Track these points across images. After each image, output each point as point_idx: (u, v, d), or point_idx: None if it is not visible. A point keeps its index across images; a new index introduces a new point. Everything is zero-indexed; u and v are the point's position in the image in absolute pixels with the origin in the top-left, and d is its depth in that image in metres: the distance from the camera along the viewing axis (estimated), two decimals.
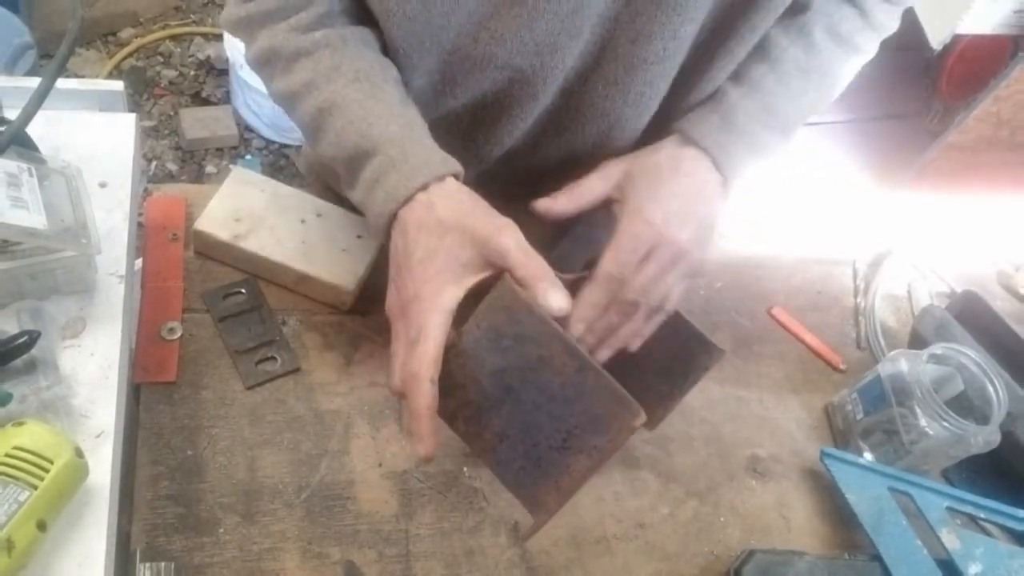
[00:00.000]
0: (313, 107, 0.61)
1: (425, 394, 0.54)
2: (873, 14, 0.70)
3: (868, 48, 0.72)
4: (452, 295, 0.55)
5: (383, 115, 0.60)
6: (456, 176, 0.59)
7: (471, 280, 0.56)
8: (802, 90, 0.68)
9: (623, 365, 0.59)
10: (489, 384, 0.56)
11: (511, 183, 0.75)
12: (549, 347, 0.54)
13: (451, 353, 0.56)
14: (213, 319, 0.77)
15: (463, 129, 0.69)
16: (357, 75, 0.61)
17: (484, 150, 0.70)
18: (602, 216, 0.80)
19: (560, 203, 0.60)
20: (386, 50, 0.66)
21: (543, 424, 0.55)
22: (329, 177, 0.91)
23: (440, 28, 0.61)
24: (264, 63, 0.64)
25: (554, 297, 0.54)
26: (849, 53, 0.70)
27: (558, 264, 0.61)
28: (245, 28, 0.64)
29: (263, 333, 0.77)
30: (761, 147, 0.67)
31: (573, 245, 0.82)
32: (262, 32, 0.63)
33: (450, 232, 0.55)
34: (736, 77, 0.67)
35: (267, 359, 0.76)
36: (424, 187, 0.57)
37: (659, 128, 0.70)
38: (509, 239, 0.55)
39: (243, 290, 0.79)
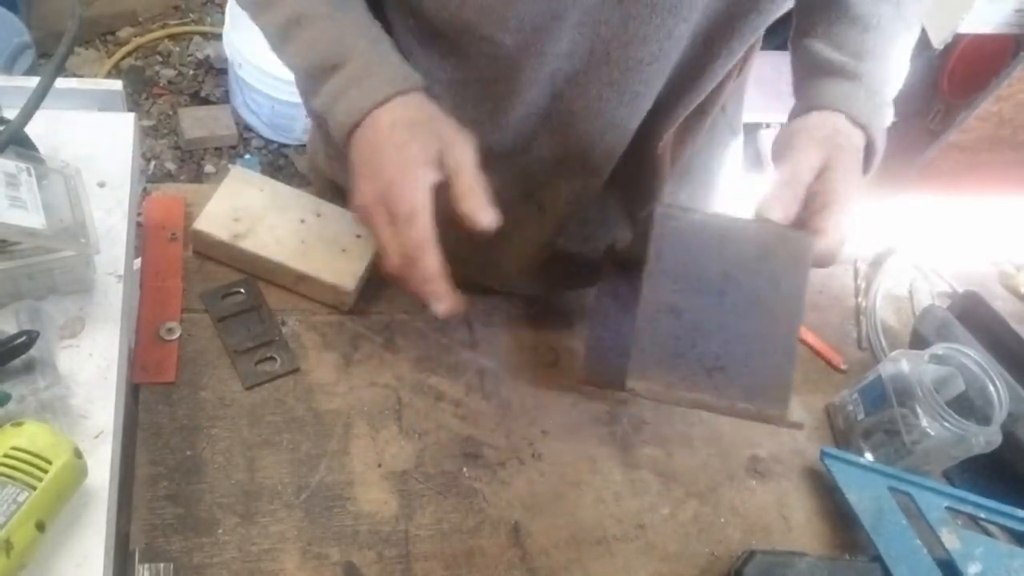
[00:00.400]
0: (282, 16, 0.62)
1: (434, 257, 0.59)
2: None
3: (920, 17, 0.74)
4: (430, 175, 0.59)
5: (352, 28, 0.62)
6: (420, 91, 0.62)
7: (436, 174, 0.60)
8: (903, 51, 0.70)
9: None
10: (716, 270, 0.56)
11: (504, 187, 0.74)
12: (788, 305, 0.55)
13: (717, 222, 0.56)
14: (212, 319, 0.77)
15: (447, 108, 0.69)
16: None
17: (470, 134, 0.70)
18: (595, 212, 0.80)
19: (790, 209, 0.59)
20: None
21: (714, 342, 0.55)
22: (335, 174, 0.90)
23: None
24: None
25: (485, 216, 0.59)
26: (915, 18, 0.72)
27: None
28: None
29: (262, 333, 0.77)
30: (887, 120, 0.69)
31: (568, 242, 0.82)
32: None
33: (421, 126, 0.60)
34: (847, 50, 0.67)
35: (266, 359, 0.76)
36: (388, 100, 0.60)
37: (654, 126, 0.70)
38: (467, 154, 0.60)
39: (242, 290, 0.79)
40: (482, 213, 0.59)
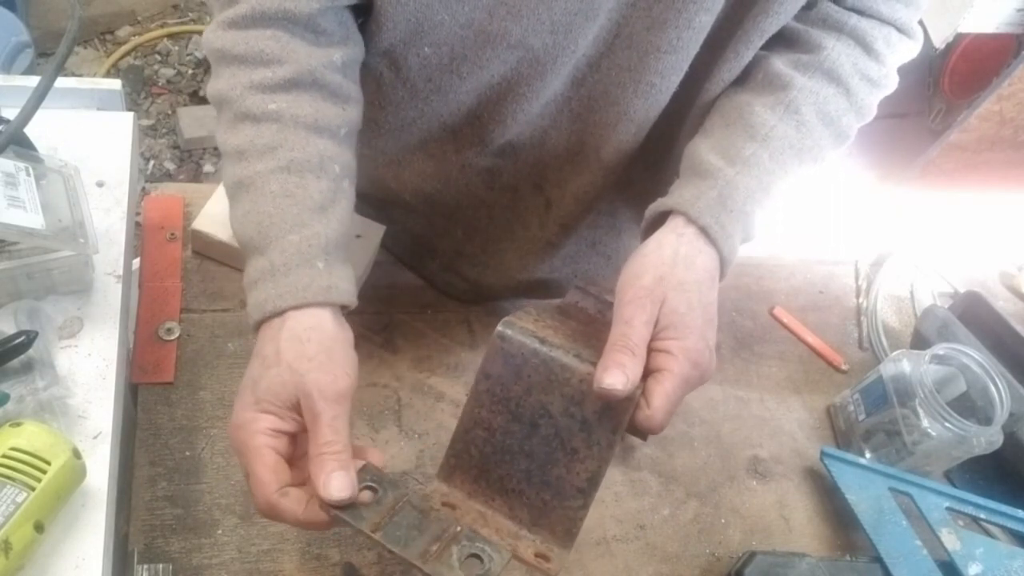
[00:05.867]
0: (236, 176, 0.59)
1: (290, 510, 0.52)
2: (857, 95, 0.66)
3: (851, 133, 0.68)
4: (267, 422, 0.53)
5: (289, 218, 0.57)
6: (343, 306, 0.57)
7: (278, 423, 0.53)
8: (795, 171, 0.64)
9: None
10: (535, 402, 0.56)
11: (517, 178, 0.74)
12: (596, 456, 0.55)
13: (549, 356, 0.55)
14: None
15: (469, 108, 0.68)
16: (289, 164, 0.58)
17: (488, 131, 0.69)
18: (605, 217, 0.80)
19: (630, 371, 0.52)
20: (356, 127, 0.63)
21: (517, 468, 0.57)
22: None
23: (456, 1, 0.60)
24: (216, 106, 0.62)
25: (335, 486, 0.51)
26: (835, 137, 0.66)
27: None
28: (215, 59, 0.61)
29: None
30: (751, 230, 0.62)
31: (563, 262, 0.82)
32: (226, 71, 0.60)
33: (279, 365, 0.53)
34: (724, 154, 0.62)
35: None
36: (281, 312, 0.55)
37: (666, 128, 0.70)
38: (327, 407, 0.53)
39: None
40: (328, 481, 0.50)
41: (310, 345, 0.54)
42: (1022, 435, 0.83)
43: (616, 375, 0.51)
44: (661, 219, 0.61)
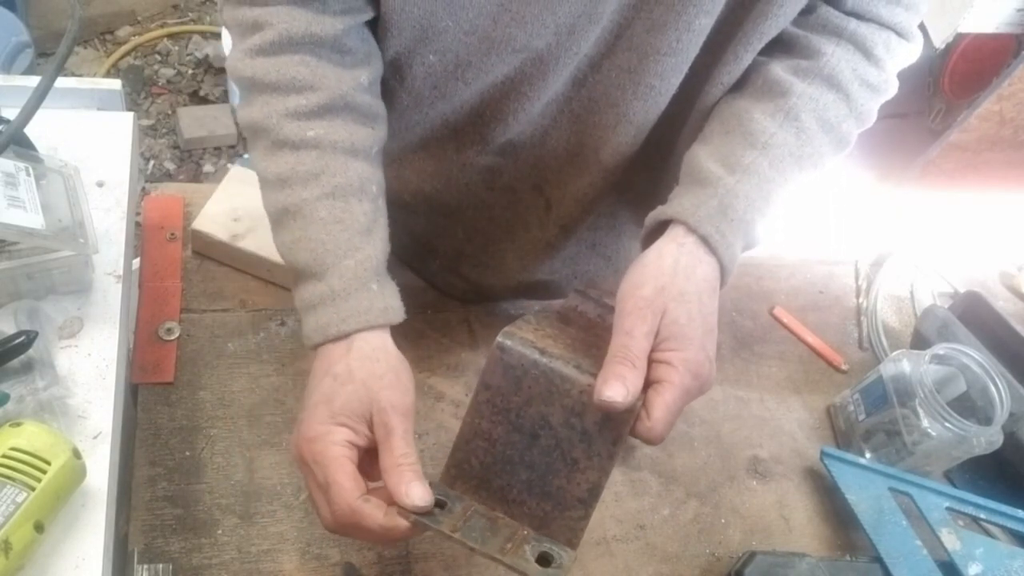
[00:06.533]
0: (280, 203, 0.61)
1: (372, 515, 0.53)
2: (857, 101, 0.65)
3: (851, 140, 0.67)
4: (344, 434, 0.56)
5: (342, 244, 0.59)
6: (386, 329, 0.60)
7: (352, 436, 0.56)
8: (795, 178, 0.64)
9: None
10: (536, 413, 0.56)
11: (517, 179, 0.74)
12: (596, 466, 0.55)
13: (549, 367, 0.55)
14: None
15: (472, 107, 0.68)
16: (334, 191, 0.60)
17: (490, 129, 0.69)
18: (605, 219, 0.80)
19: (631, 383, 0.52)
20: (383, 148, 0.65)
21: (519, 478, 0.57)
22: None
23: (460, 8, 0.60)
24: (251, 134, 0.62)
25: (416, 494, 0.53)
26: (835, 143, 0.65)
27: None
28: (245, 87, 0.62)
29: None
30: (752, 239, 0.62)
31: (563, 263, 0.82)
32: (259, 99, 0.61)
33: (354, 383, 0.57)
34: (724, 162, 0.62)
35: None
36: (346, 335, 0.58)
37: (666, 130, 0.70)
38: (399, 422, 0.56)
39: None
40: (408, 490, 0.53)
41: (379, 365, 0.58)
42: (1022, 435, 0.83)
43: (616, 387, 0.52)
44: (661, 228, 0.61)
